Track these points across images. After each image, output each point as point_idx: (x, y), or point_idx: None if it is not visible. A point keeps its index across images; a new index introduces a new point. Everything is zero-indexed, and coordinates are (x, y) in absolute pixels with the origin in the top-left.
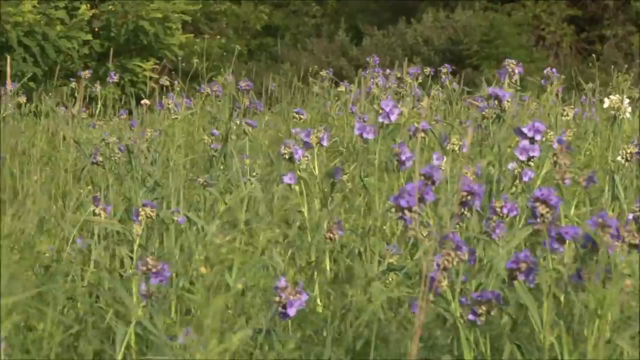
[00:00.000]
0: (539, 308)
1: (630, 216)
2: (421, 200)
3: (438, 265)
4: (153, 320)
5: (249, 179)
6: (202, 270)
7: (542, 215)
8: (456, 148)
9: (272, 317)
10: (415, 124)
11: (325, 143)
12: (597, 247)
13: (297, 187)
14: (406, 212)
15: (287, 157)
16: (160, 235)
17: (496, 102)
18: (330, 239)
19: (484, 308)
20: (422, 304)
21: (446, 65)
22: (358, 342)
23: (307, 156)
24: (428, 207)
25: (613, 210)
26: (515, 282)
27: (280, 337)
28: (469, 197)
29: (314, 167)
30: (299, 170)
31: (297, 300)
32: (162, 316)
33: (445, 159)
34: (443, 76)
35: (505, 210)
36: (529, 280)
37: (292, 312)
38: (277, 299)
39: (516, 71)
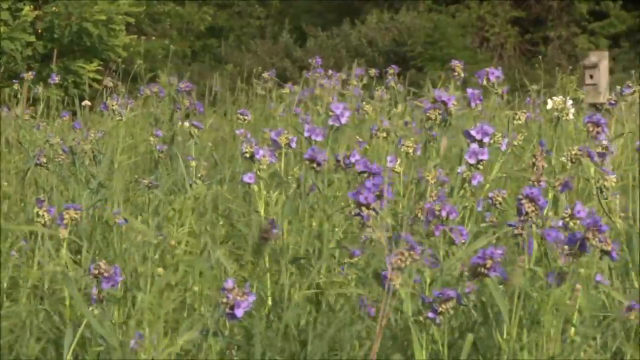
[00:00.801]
0: (495, 307)
1: (560, 222)
2: (379, 197)
3: (391, 264)
4: (101, 321)
5: (195, 181)
6: (160, 271)
7: (526, 213)
8: (410, 151)
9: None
10: (378, 123)
11: (294, 145)
12: (584, 250)
13: (256, 187)
14: (364, 209)
15: (247, 155)
16: (104, 237)
17: (442, 105)
18: (265, 239)
19: (444, 306)
20: (385, 306)
21: (393, 66)
22: (294, 341)
23: (267, 156)
24: (380, 207)
25: (556, 214)
26: (487, 280)
27: (226, 338)
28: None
29: (280, 168)
30: (259, 171)
31: (245, 301)
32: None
33: (398, 161)
34: (389, 77)
35: (444, 213)
36: (495, 275)
37: (239, 313)
38: (224, 300)
39: (494, 75)
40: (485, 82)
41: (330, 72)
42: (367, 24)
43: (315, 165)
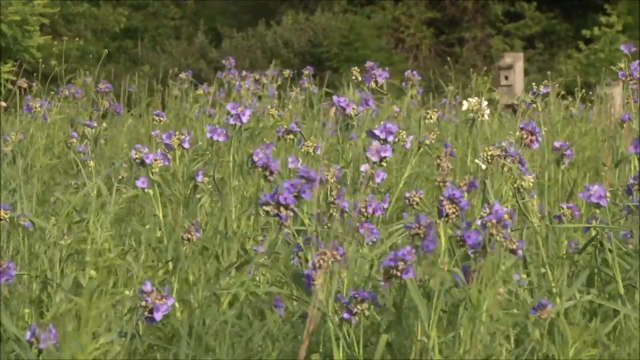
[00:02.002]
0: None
1: (479, 222)
2: (298, 197)
3: (313, 264)
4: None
5: (96, 182)
6: (92, 273)
7: (447, 215)
8: (311, 150)
9: (137, 321)
10: (285, 126)
11: (186, 145)
12: (492, 248)
13: (150, 191)
14: (282, 209)
15: (138, 161)
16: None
17: (341, 110)
18: (188, 240)
19: (359, 307)
20: (313, 309)
21: (308, 67)
22: (215, 341)
23: (166, 158)
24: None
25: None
26: (407, 280)
27: (144, 339)
28: (334, 200)
29: (176, 169)
30: (152, 174)
31: (164, 305)
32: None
33: (300, 161)
34: (304, 78)
35: (370, 210)
36: (407, 278)
37: (158, 316)
38: (142, 303)
39: (382, 75)
40: (373, 84)
41: (244, 73)
42: (283, 25)
43: (268, 173)
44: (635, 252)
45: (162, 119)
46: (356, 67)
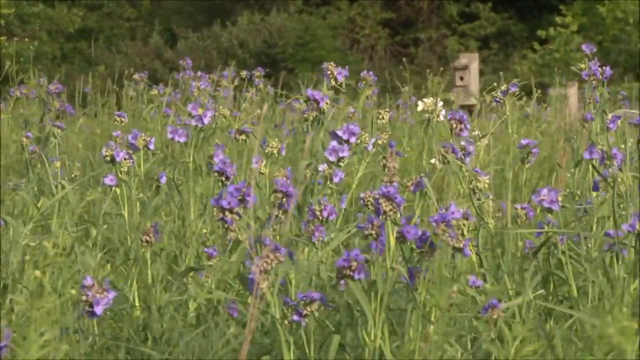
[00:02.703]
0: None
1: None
2: (242, 201)
3: (258, 267)
4: None
5: (60, 182)
6: (37, 274)
7: (385, 212)
8: (275, 151)
9: (79, 316)
10: (237, 127)
11: (152, 147)
12: (434, 248)
13: (117, 190)
14: (227, 213)
15: (108, 159)
16: None
17: (315, 104)
18: (147, 242)
19: (308, 309)
20: (253, 310)
21: (259, 68)
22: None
23: (129, 159)
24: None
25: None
26: (350, 282)
27: (87, 335)
28: (283, 199)
29: (140, 170)
30: (120, 173)
31: (104, 298)
32: None
33: (264, 162)
34: (257, 79)
35: (325, 214)
36: (359, 278)
37: (99, 310)
38: (83, 297)
39: (342, 74)
40: (333, 82)
41: (200, 73)
42: (238, 26)
43: (224, 178)
44: (588, 254)
45: (123, 119)
46: (332, 63)
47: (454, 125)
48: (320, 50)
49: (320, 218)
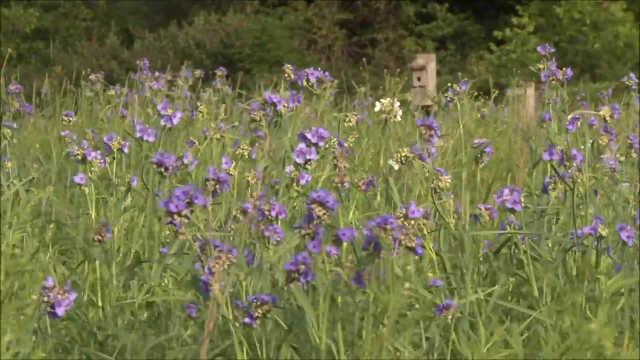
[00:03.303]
0: (316, 310)
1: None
2: (190, 204)
3: (209, 269)
4: None
5: (12, 182)
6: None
7: (318, 217)
8: (245, 153)
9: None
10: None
11: (126, 150)
12: (379, 249)
13: (87, 189)
14: (175, 216)
15: (79, 158)
16: None
17: (272, 106)
18: (99, 240)
19: (259, 311)
20: (211, 311)
21: (221, 68)
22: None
23: (100, 159)
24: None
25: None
26: (292, 285)
27: (47, 336)
28: (217, 186)
29: (112, 171)
30: (90, 172)
31: (66, 299)
32: None
33: (233, 164)
34: (217, 79)
35: (273, 213)
36: (307, 281)
37: (60, 311)
38: (45, 298)
39: (314, 75)
40: (305, 83)
41: (157, 74)
42: (195, 26)
43: (163, 169)
44: (548, 254)
45: (71, 119)
46: (289, 66)
47: (424, 131)
48: (277, 51)
49: (270, 218)
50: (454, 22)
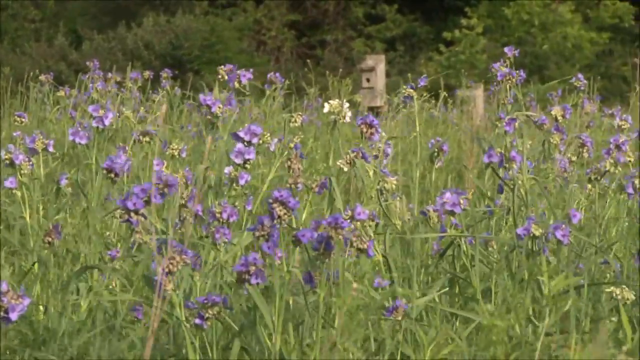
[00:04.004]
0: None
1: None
2: (148, 203)
3: (163, 269)
4: None
5: None
6: None
7: (279, 216)
8: (176, 153)
9: None
10: (140, 129)
11: (51, 149)
12: (331, 249)
13: (18, 193)
14: (132, 214)
15: (7, 162)
16: None
17: (207, 108)
18: (49, 243)
19: (210, 312)
20: (156, 310)
21: (166, 70)
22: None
23: (31, 161)
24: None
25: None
26: (247, 285)
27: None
28: (165, 189)
29: (40, 173)
30: (20, 175)
31: (19, 305)
32: None
33: (165, 164)
34: (163, 81)
35: (225, 215)
36: (258, 282)
37: (14, 316)
38: None
39: (246, 76)
40: (237, 85)
41: (108, 74)
42: (143, 27)
43: (113, 175)
44: (491, 256)
45: (23, 119)
46: (222, 67)
47: (364, 130)
48: (227, 52)
49: (221, 220)
50: (403, 24)
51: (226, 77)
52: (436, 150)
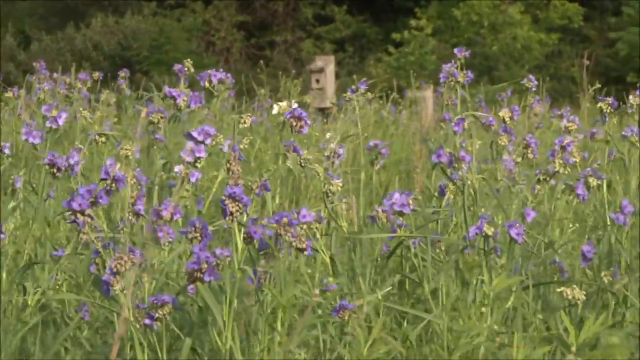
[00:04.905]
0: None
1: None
2: (94, 203)
3: (111, 269)
4: None
5: None
6: None
7: (231, 213)
8: (129, 153)
9: None
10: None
11: (6, 151)
12: (278, 247)
13: None
14: (79, 215)
15: None
16: None
17: (172, 100)
18: None
19: (160, 312)
20: (125, 314)
21: (124, 69)
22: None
23: None
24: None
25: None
26: (199, 285)
27: None
28: (113, 185)
29: None
30: None
31: None
32: None
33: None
34: (121, 80)
35: (167, 214)
36: (209, 280)
37: None
38: None
39: (217, 76)
40: (207, 84)
41: (55, 75)
42: (92, 28)
43: (55, 170)
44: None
45: None
46: (189, 60)
47: (294, 123)
48: (175, 53)
49: (165, 218)
50: (353, 25)
51: (192, 70)
52: (375, 154)
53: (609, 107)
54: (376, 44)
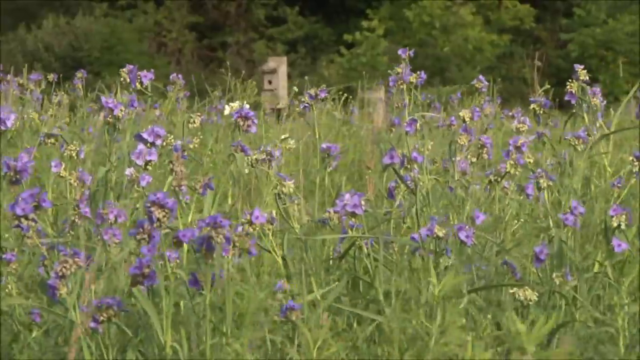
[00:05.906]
0: (160, 313)
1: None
2: (38, 207)
3: (56, 273)
4: None
5: None
6: None
7: (158, 219)
8: (74, 154)
9: None
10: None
11: None
12: (211, 249)
13: None
14: (22, 220)
15: None
16: None
17: (109, 111)
18: None
19: (105, 315)
20: (85, 313)
21: (82, 70)
22: None
23: None
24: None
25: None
26: (134, 289)
27: None
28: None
29: None
30: None
31: None
32: None
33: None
34: (78, 80)
35: (111, 216)
36: (150, 284)
37: None
38: None
39: (147, 77)
40: (138, 85)
41: (8, 76)
42: (44, 29)
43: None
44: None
45: None
46: (123, 69)
47: (241, 123)
48: (127, 54)
49: (109, 221)
50: (305, 26)
51: (128, 79)
52: (326, 154)
53: (542, 109)
54: (328, 45)
